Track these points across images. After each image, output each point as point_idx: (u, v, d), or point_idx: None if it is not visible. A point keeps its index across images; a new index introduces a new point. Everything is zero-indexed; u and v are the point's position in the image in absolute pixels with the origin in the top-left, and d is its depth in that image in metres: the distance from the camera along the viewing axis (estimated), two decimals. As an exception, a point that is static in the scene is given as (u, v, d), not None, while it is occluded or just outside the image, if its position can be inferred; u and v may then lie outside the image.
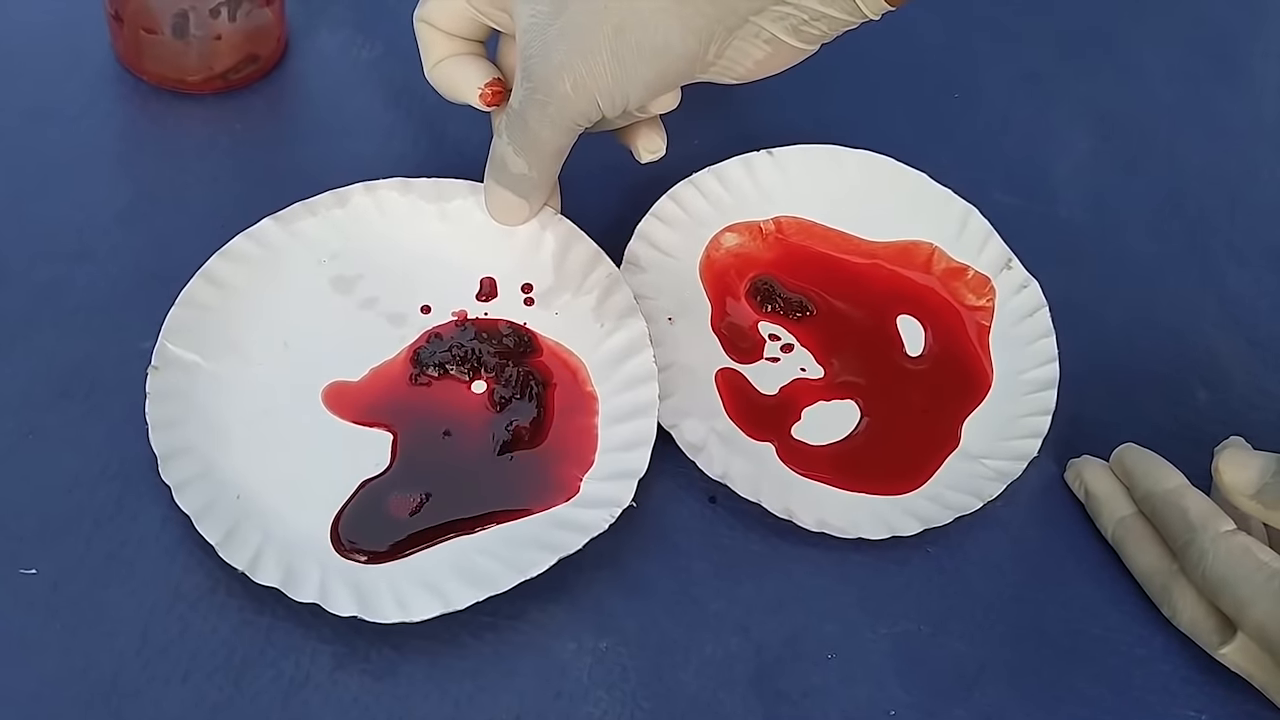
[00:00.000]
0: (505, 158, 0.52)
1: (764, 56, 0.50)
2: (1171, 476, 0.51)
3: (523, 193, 0.53)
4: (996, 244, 0.59)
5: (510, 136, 0.52)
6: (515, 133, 0.51)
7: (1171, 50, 0.72)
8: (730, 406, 0.54)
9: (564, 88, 0.49)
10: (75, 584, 0.46)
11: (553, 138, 0.51)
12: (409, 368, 0.52)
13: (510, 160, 0.52)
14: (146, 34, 0.58)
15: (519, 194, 0.53)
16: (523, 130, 0.51)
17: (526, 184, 0.53)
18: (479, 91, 0.53)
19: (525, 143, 0.51)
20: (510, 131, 0.52)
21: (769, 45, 0.50)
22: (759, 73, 0.51)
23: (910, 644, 0.50)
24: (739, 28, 0.49)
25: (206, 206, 0.56)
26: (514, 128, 0.51)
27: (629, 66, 0.49)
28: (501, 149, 0.52)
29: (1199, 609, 0.50)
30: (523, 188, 0.53)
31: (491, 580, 0.47)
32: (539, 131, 0.51)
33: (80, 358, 0.51)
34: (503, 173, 0.53)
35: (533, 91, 0.50)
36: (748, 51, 0.50)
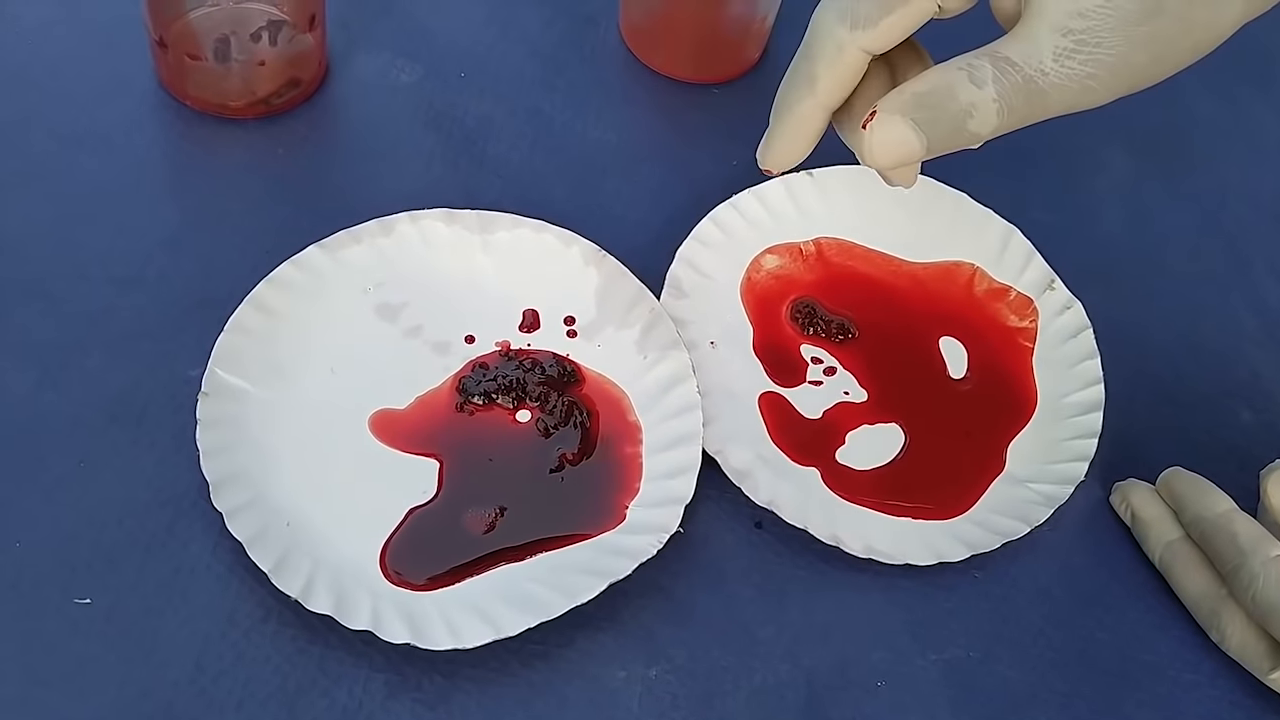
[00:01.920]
0: (975, 109, 0.43)
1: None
2: (1220, 501, 0.51)
3: (943, 144, 0.44)
4: (1039, 264, 0.59)
5: (1008, 99, 0.43)
6: (1020, 100, 0.43)
7: (1209, 65, 0.71)
8: (774, 431, 0.54)
9: (1126, 88, 0.44)
10: (129, 613, 0.47)
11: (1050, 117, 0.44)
12: (454, 396, 0.52)
13: (982, 116, 0.43)
14: (190, 60, 0.58)
15: (935, 143, 0.44)
16: (1035, 103, 0.43)
17: (963, 140, 0.44)
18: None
19: (1026, 113, 0.44)
20: (1013, 96, 0.43)
21: None
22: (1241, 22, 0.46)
23: (960, 671, 0.50)
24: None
25: (250, 231, 0.57)
26: (1023, 96, 0.43)
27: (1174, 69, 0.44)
28: (976, 99, 0.43)
29: (1249, 634, 0.49)
30: (952, 140, 0.44)
31: (542, 607, 0.47)
32: (1051, 110, 0.44)
33: (129, 384, 0.51)
34: (943, 117, 0.43)
35: (1088, 77, 0.43)
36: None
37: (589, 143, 0.62)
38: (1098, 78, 0.43)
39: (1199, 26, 0.44)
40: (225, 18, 0.59)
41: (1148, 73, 0.44)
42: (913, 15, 0.44)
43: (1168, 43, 0.43)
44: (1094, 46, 0.43)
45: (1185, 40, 0.44)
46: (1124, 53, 0.43)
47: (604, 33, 0.66)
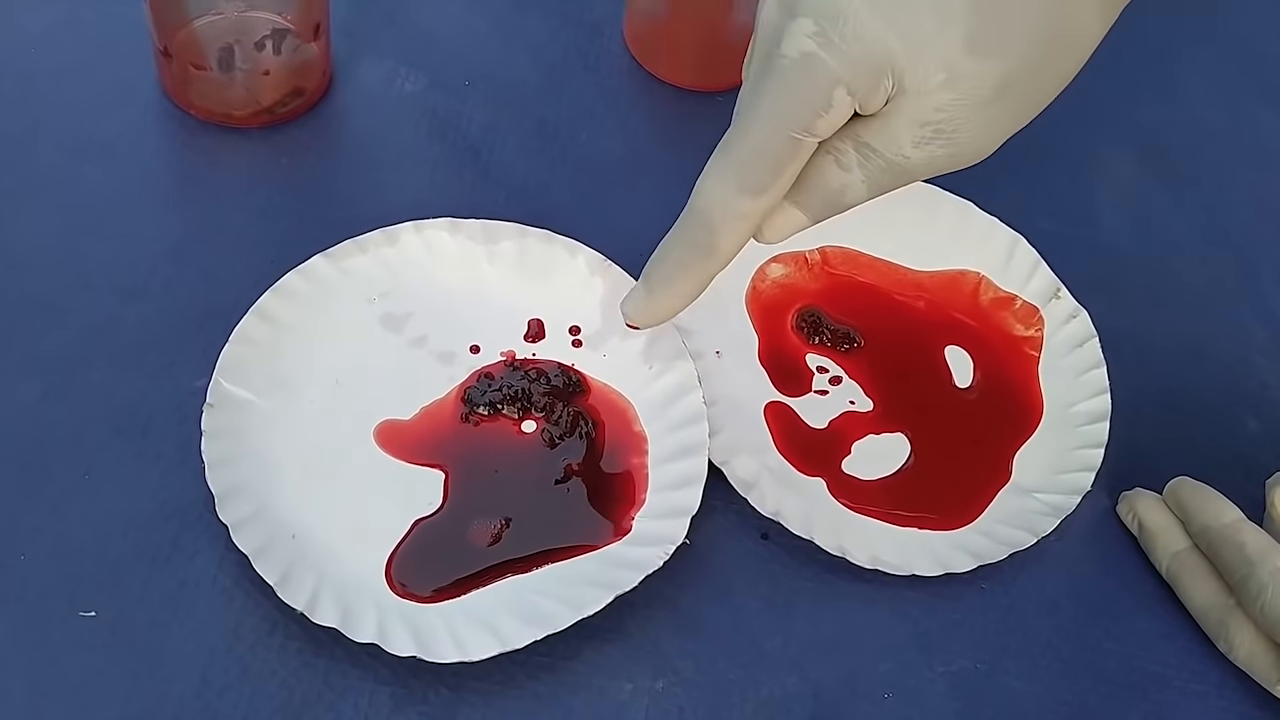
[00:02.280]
0: (847, 191, 0.47)
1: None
2: (1227, 511, 0.51)
3: (821, 216, 0.48)
4: (1044, 273, 0.59)
5: (874, 179, 0.46)
6: (887, 180, 0.47)
7: (1214, 72, 0.71)
8: (780, 441, 0.54)
9: (978, 157, 0.47)
10: (133, 626, 0.47)
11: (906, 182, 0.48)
12: (460, 407, 0.52)
13: (853, 195, 0.47)
14: (194, 69, 0.58)
15: (814, 217, 0.48)
16: (896, 179, 0.47)
17: (838, 210, 0.48)
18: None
19: (886, 188, 0.47)
20: (879, 177, 0.47)
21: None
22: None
23: (968, 683, 0.49)
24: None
25: (255, 241, 0.57)
26: (889, 176, 0.47)
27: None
28: (845, 182, 0.46)
29: (1256, 644, 0.49)
30: (830, 212, 0.48)
31: (549, 619, 0.47)
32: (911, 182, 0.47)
33: (134, 396, 0.51)
34: (822, 199, 0.47)
35: (946, 156, 0.46)
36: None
37: (594, 151, 0.62)
38: (959, 154, 0.46)
39: (1054, 78, 0.45)
40: (229, 27, 0.59)
41: (1009, 130, 0.46)
42: (801, 163, 0.46)
43: (1022, 104, 0.46)
44: (951, 132, 0.45)
45: (1041, 94, 0.46)
46: (980, 129, 0.45)
47: (608, 41, 0.66)
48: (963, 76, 0.44)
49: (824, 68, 0.44)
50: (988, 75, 0.44)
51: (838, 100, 0.44)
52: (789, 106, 0.44)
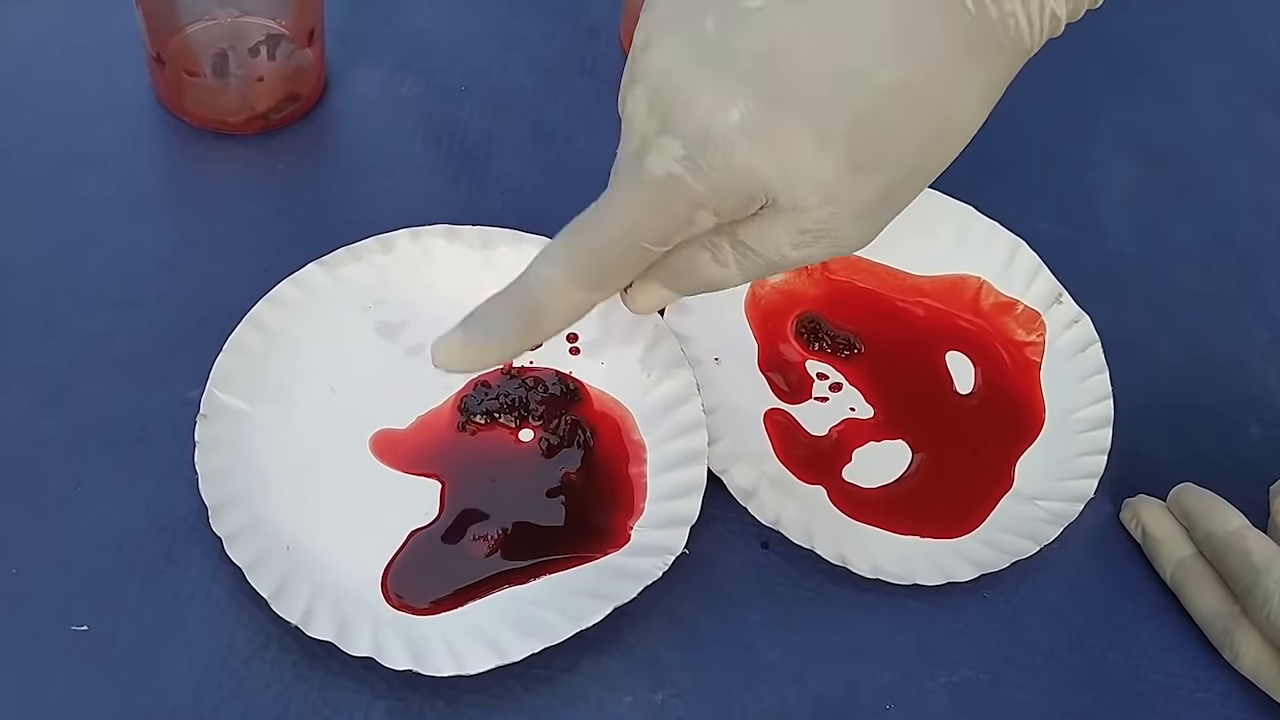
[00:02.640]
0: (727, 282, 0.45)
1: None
2: (1232, 518, 0.50)
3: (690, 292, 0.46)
4: (1046, 278, 0.58)
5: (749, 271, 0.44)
6: (762, 270, 0.44)
7: (1217, 76, 0.71)
8: (780, 449, 0.54)
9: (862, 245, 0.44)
10: (127, 641, 0.46)
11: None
12: (456, 416, 0.52)
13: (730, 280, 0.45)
14: (188, 76, 0.58)
15: (682, 292, 0.46)
16: (774, 270, 0.45)
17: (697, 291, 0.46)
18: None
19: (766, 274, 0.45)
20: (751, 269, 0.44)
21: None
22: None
23: (970, 693, 0.49)
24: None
25: (250, 248, 0.56)
26: (760, 268, 0.44)
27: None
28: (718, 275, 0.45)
29: (1262, 653, 0.49)
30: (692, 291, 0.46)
31: (547, 631, 0.46)
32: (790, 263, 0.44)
33: (127, 407, 0.51)
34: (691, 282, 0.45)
35: (824, 251, 0.44)
36: None
37: (592, 156, 0.61)
38: (842, 249, 0.44)
39: (935, 169, 0.43)
40: (223, 33, 0.58)
41: (891, 218, 0.44)
42: (646, 264, 0.44)
43: (906, 199, 0.43)
44: (831, 237, 0.43)
45: (923, 184, 0.44)
46: (864, 231, 0.43)
47: (605, 44, 0.65)
48: (842, 194, 0.41)
49: (689, 192, 0.40)
50: (869, 188, 0.42)
51: (700, 220, 0.41)
52: (646, 221, 0.42)
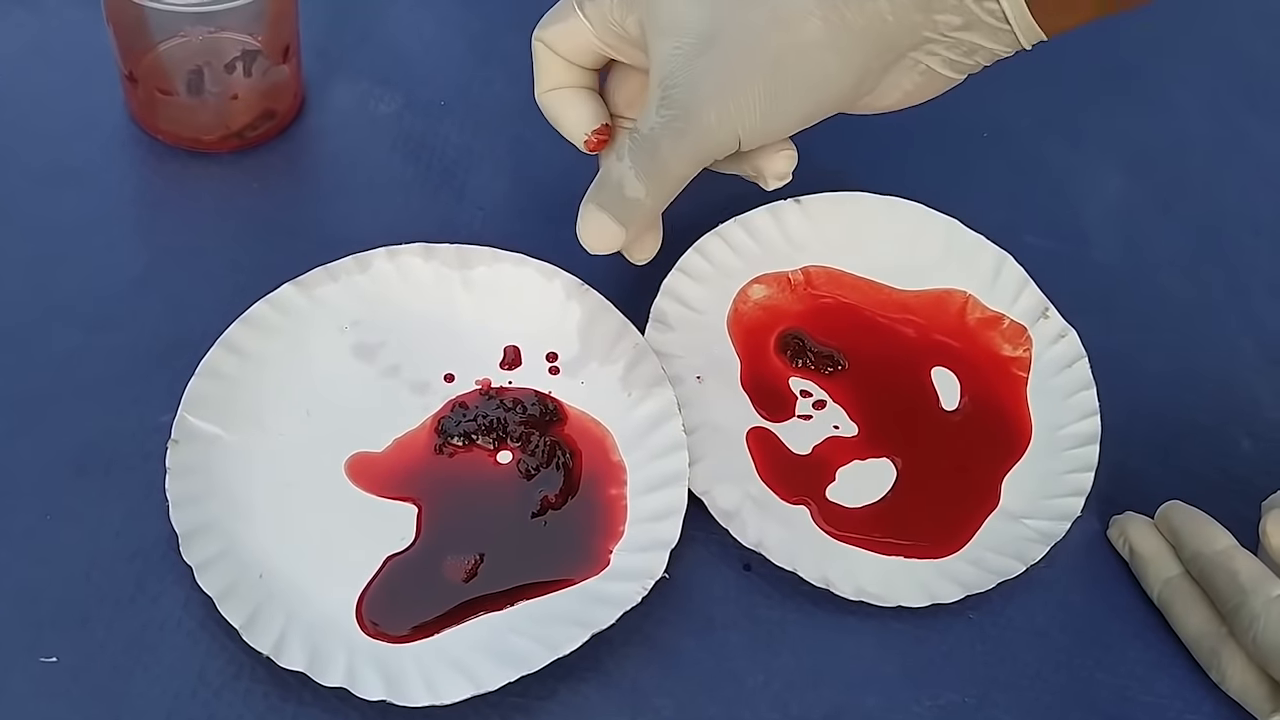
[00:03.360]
0: (624, 181, 0.50)
1: (913, 87, 0.50)
2: (1220, 537, 0.50)
3: (626, 219, 0.50)
4: (1032, 291, 0.57)
5: (635, 160, 0.49)
6: (642, 158, 0.49)
7: (1203, 85, 0.70)
8: (763, 468, 0.53)
9: (709, 119, 0.48)
10: (96, 672, 0.45)
11: (682, 167, 0.49)
12: (433, 438, 0.51)
13: (629, 184, 0.50)
14: (161, 94, 0.57)
15: (621, 220, 0.50)
16: (652, 157, 0.49)
17: (636, 210, 0.50)
18: (585, 138, 0.52)
19: (652, 169, 0.49)
20: (636, 156, 0.49)
21: (922, 77, 0.49)
22: (903, 103, 0.51)
23: (955, 716, 0.48)
24: (896, 62, 0.48)
25: (225, 268, 0.55)
26: (641, 153, 0.49)
27: (781, 102, 0.48)
28: (620, 172, 0.50)
29: (1249, 675, 0.48)
30: (630, 213, 0.50)
31: (523, 659, 0.45)
32: (669, 159, 0.49)
33: (98, 432, 0.50)
34: (613, 196, 0.50)
35: (673, 119, 0.48)
36: (899, 84, 0.49)
37: (571, 173, 0.60)
38: (681, 117, 0.48)
39: (765, 63, 0.47)
40: (198, 49, 0.57)
41: (717, 99, 0.48)
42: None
43: (737, 68, 0.47)
44: (671, 88, 0.48)
45: (754, 68, 0.47)
46: (691, 85, 0.48)
47: (586, 58, 0.65)
48: (681, 20, 0.47)
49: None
50: (696, 19, 0.47)
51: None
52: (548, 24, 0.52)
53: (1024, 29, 0.47)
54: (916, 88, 0.50)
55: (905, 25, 0.47)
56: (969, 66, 0.49)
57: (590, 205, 0.51)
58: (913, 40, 0.48)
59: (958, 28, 0.47)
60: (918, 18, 0.47)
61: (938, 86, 0.50)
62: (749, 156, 0.52)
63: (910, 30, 0.47)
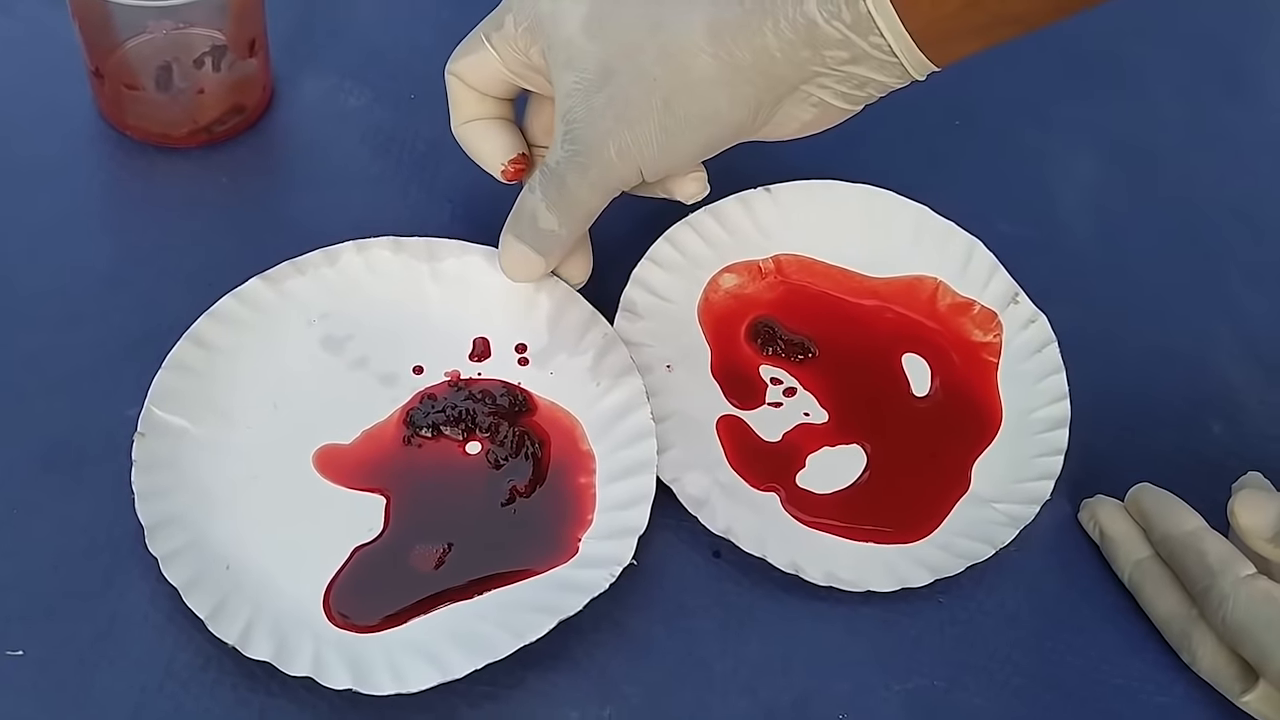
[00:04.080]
0: (536, 213, 0.51)
1: (810, 119, 0.50)
2: (1189, 518, 0.50)
3: (544, 249, 0.52)
4: (1002, 277, 0.57)
5: (544, 193, 0.51)
6: (550, 190, 0.50)
7: (1176, 70, 0.70)
8: (732, 455, 0.53)
9: (609, 154, 0.49)
10: (64, 665, 0.45)
11: (590, 199, 0.50)
12: (402, 429, 0.51)
13: (541, 216, 0.51)
14: (128, 89, 0.57)
15: (539, 250, 0.52)
16: (559, 189, 0.50)
17: (551, 241, 0.52)
18: (501, 168, 0.53)
19: (560, 202, 0.50)
20: (545, 189, 0.51)
21: (816, 109, 0.50)
22: (803, 133, 0.51)
23: (925, 700, 0.48)
24: (788, 96, 0.49)
25: (194, 263, 0.55)
26: (550, 186, 0.50)
27: (675, 136, 0.48)
28: (532, 204, 0.51)
29: (1219, 656, 0.48)
30: (545, 244, 0.52)
31: (490, 647, 0.45)
32: (577, 192, 0.50)
33: (66, 428, 0.50)
34: (529, 228, 0.52)
35: (575, 154, 0.49)
36: (795, 115, 0.50)
37: (541, 163, 0.61)
38: (583, 152, 0.49)
39: (659, 98, 0.48)
40: (166, 45, 0.57)
41: (614, 134, 0.48)
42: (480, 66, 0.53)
43: (632, 105, 0.48)
44: (573, 123, 0.49)
45: (647, 104, 0.48)
46: (590, 121, 0.49)
47: (557, 50, 0.64)
48: (578, 56, 0.48)
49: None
50: (593, 55, 0.48)
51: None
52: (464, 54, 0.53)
53: (912, 62, 0.48)
54: (813, 118, 0.50)
55: (793, 61, 0.47)
56: (863, 98, 0.50)
57: (508, 236, 0.53)
58: (802, 75, 0.48)
59: (845, 61, 0.48)
60: (805, 53, 0.47)
61: (834, 117, 0.51)
62: (660, 182, 0.52)
63: (798, 66, 0.48)
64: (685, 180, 0.52)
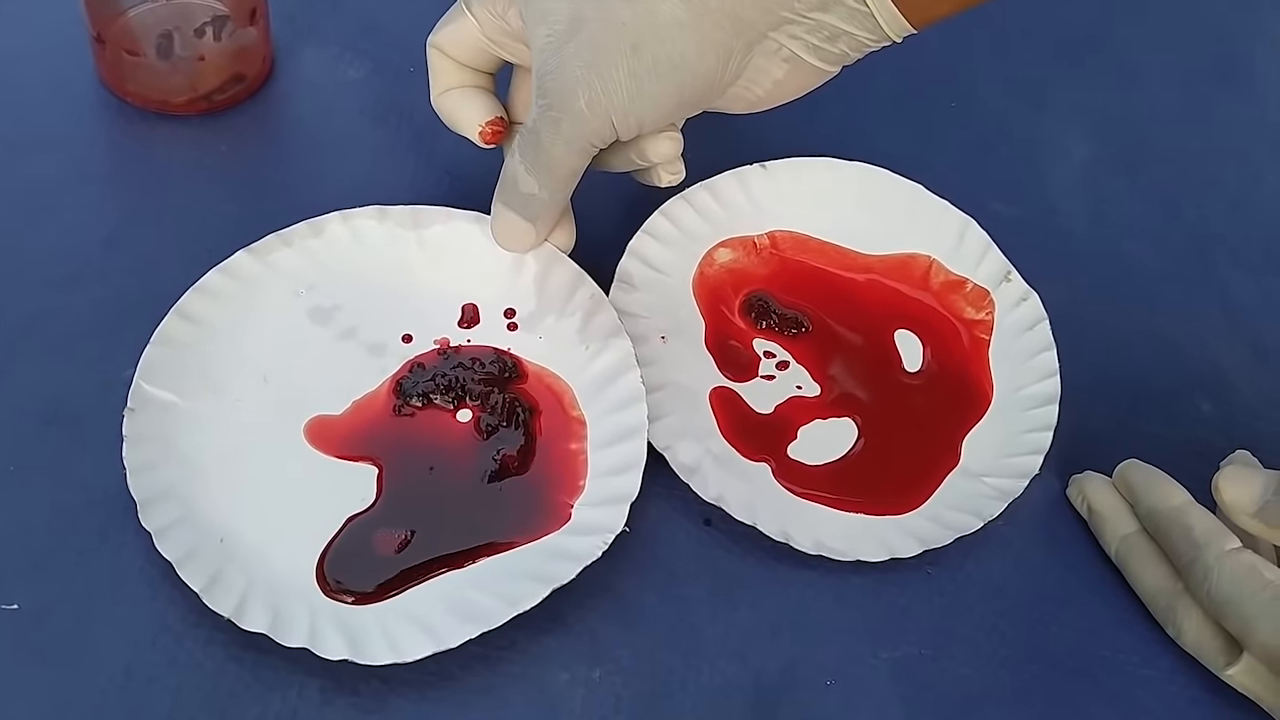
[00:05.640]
0: (517, 177, 0.51)
1: (782, 75, 0.50)
2: (1175, 493, 0.50)
3: (530, 216, 0.52)
4: (995, 255, 0.58)
5: (523, 155, 0.51)
6: (528, 151, 0.50)
7: (1170, 54, 0.71)
8: (725, 426, 0.53)
9: (579, 104, 0.49)
10: (57, 619, 0.46)
11: (566, 157, 0.50)
12: (392, 399, 0.51)
13: (521, 179, 0.51)
14: (129, 56, 0.57)
15: (527, 217, 0.52)
16: (535, 148, 0.50)
17: (536, 205, 0.52)
18: (479, 129, 0.53)
19: (538, 161, 0.50)
20: (523, 150, 0.51)
21: (788, 64, 0.50)
22: (776, 96, 0.51)
23: (912, 669, 0.49)
24: (758, 43, 0.49)
25: (193, 229, 0.56)
26: (527, 146, 0.50)
27: (645, 84, 0.48)
28: (514, 168, 0.51)
29: (1204, 629, 0.49)
30: (531, 210, 0.52)
31: (484, 616, 0.46)
32: (552, 150, 0.50)
33: (65, 386, 0.50)
34: (513, 194, 0.52)
35: (547, 108, 0.49)
36: (766, 70, 0.50)
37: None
38: (555, 105, 0.49)
39: (625, 44, 0.48)
40: (168, 13, 0.58)
41: (583, 84, 0.48)
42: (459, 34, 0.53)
43: (601, 51, 0.48)
44: (544, 76, 0.49)
45: (615, 50, 0.48)
46: (560, 71, 0.49)
47: (556, 26, 0.65)
48: (551, 9, 0.49)
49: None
50: (564, 6, 0.48)
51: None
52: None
53: (883, 12, 0.47)
54: (786, 76, 0.50)
55: (761, 4, 0.47)
56: (836, 55, 0.49)
57: (497, 204, 0.53)
58: (770, 20, 0.48)
59: (814, 8, 0.48)
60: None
61: (807, 78, 0.51)
62: (634, 144, 0.52)
63: (766, 9, 0.48)
64: (659, 139, 0.52)
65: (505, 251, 0.54)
